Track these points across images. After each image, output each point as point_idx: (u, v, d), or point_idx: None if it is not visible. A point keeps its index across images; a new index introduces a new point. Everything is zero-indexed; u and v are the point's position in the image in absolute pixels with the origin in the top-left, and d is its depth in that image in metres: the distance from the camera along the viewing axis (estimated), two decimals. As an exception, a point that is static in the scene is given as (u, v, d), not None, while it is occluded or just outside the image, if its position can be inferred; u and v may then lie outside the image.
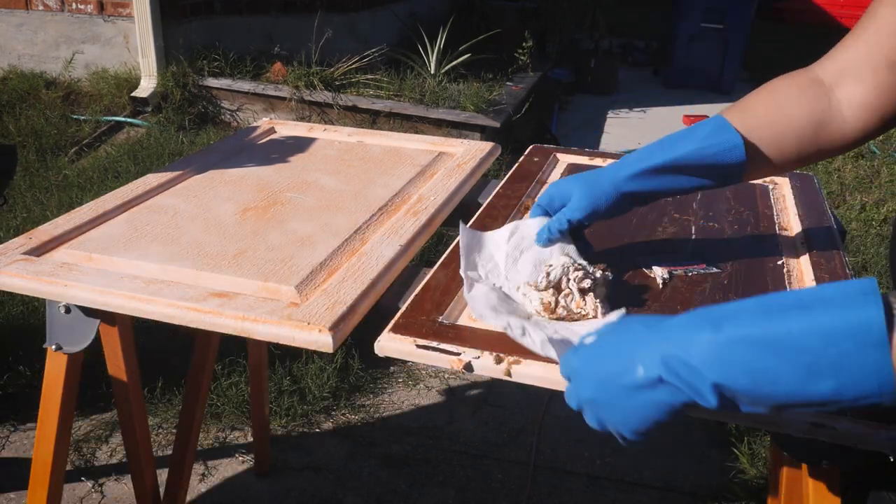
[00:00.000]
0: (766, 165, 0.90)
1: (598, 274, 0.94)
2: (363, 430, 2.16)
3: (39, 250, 1.09)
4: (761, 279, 1.04)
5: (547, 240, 0.99)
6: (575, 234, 1.01)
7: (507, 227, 1.04)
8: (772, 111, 0.89)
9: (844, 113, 0.86)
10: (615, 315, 0.90)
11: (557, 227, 0.97)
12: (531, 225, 1.03)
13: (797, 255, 1.11)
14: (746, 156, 0.88)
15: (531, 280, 0.95)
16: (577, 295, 0.91)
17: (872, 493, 0.84)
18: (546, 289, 0.91)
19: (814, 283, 1.01)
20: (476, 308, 0.90)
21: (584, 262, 0.96)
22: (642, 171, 0.91)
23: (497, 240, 1.03)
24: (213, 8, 4.20)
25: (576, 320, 0.90)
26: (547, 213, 1.01)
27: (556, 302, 0.90)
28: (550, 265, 0.93)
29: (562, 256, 0.96)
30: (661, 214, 1.24)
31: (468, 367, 0.85)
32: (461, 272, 0.97)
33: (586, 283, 0.92)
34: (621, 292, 1.00)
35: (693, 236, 1.18)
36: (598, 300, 0.91)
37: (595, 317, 0.90)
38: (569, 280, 0.91)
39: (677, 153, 0.90)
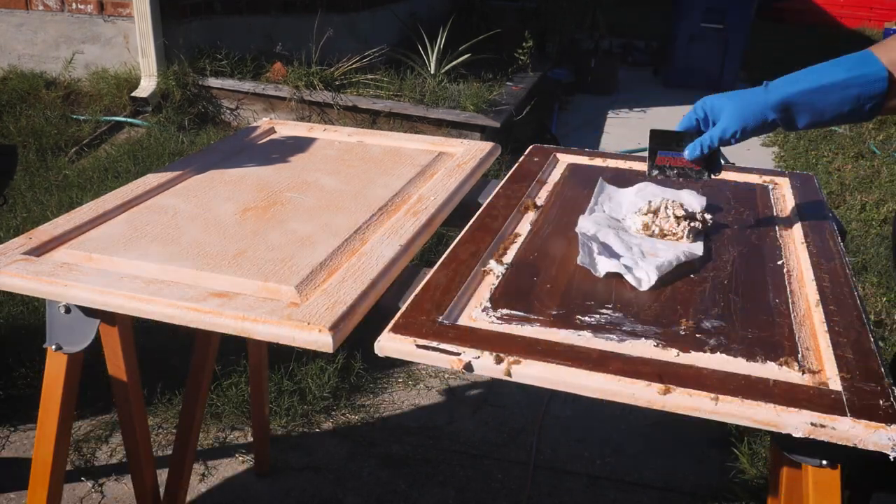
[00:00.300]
0: None
1: (698, 213, 1.18)
2: (363, 430, 2.16)
3: (39, 250, 1.09)
4: (761, 279, 1.04)
5: (699, 154, 1.07)
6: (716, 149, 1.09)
7: (637, 185, 1.30)
8: None
9: None
10: (699, 245, 1.12)
11: (709, 143, 1.05)
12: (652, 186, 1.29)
13: (797, 255, 1.11)
14: (888, 89, 0.93)
15: (637, 208, 1.20)
16: (672, 219, 1.15)
17: (876, 494, 0.84)
18: (647, 213, 1.17)
19: (814, 284, 1.01)
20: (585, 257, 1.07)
21: (688, 202, 1.21)
22: (788, 97, 0.97)
23: (625, 191, 1.29)
24: (213, 8, 4.20)
25: (666, 238, 1.15)
26: (697, 126, 1.09)
27: (653, 222, 1.16)
28: (651, 200, 1.20)
29: (664, 195, 1.23)
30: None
31: (468, 367, 0.85)
32: (581, 219, 1.19)
33: (681, 212, 1.16)
34: (621, 291, 1.00)
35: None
36: (689, 227, 1.14)
37: (682, 238, 1.14)
38: (667, 209, 1.17)
39: (825, 80, 0.95)
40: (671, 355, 0.86)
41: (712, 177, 1.12)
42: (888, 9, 9.73)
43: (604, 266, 1.04)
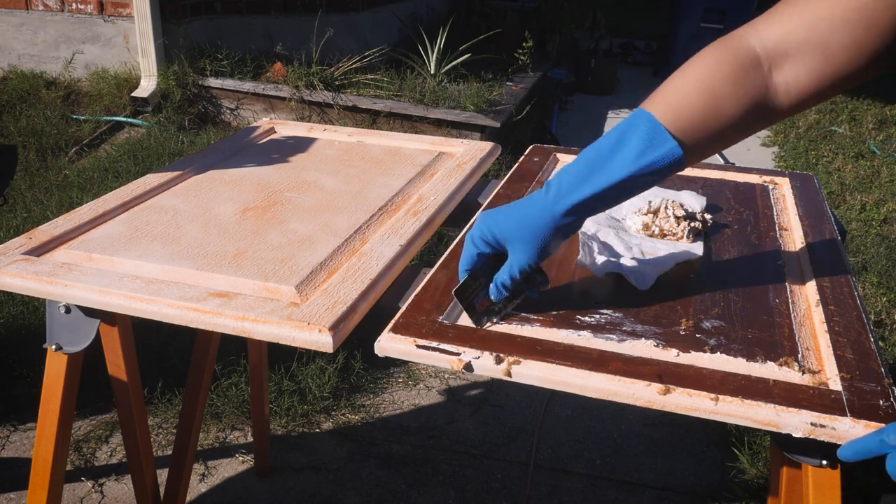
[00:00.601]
0: (699, 160, 0.85)
1: (698, 213, 1.18)
2: (363, 430, 2.16)
3: (39, 250, 1.09)
4: (761, 279, 1.04)
5: (505, 294, 0.90)
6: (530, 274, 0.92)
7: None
8: (708, 109, 0.80)
9: (780, 98, 0.80)
10: (699, 245, 1.11)
11: (509, 281, 0.89)
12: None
13: (797, 255, 1.11)
14: (683, 159, 0.81)
15: (637, 208, 1.20)
16: (672, 219, 1.15)
17: (885, 496, 0.84)
18: (647, 213, 1.18)
19: (814, 284, 1.01)
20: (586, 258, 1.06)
21: (688, 202, 1.21)
22: (579, 203, 0.83)
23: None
24: (213, 8, 4.20)
25: (666, 238, 1.15)
26: (485, 259, 0.91)
27: (653, 222, 1.16)
28: (651, 200, 1.20)
29: (664, 195, 1.23)
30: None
31: (468, 367, 0.85)
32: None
33: (681, 212, 1.17)
34: (621, 291, 1.00)
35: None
36: (689, 227, 1.14)
37: (682, 238, 1.14)
38: (667, 209, 1.17)
39: (613, 177, 0.81)
40: (671, 355, 0.86)
41: (543, 289, 0.95)
42: (888, 9, 9.72)
43: (604, 265, 1.04)
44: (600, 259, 1.05)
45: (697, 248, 1.12)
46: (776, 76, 0.80)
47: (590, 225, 1.16)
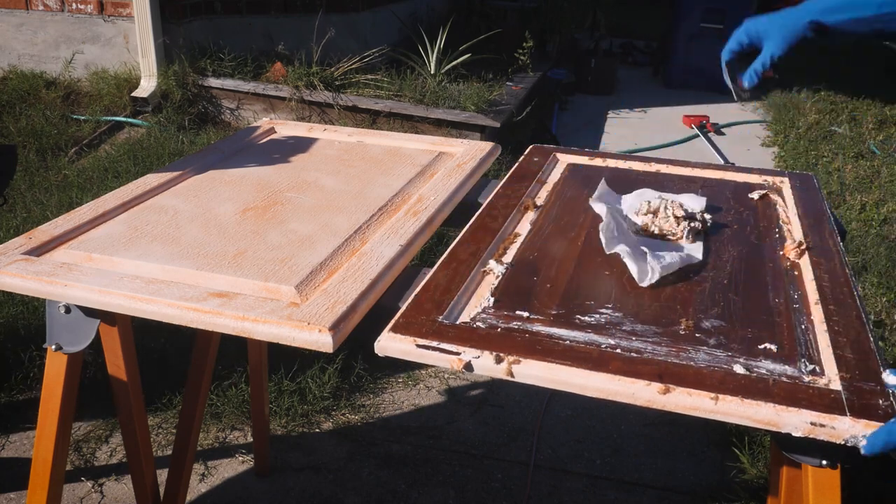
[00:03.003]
0: None
1: (698, 214, 1.19)
2: (363, 430, 2.16)
3: (39, 250, 1.09)
4: (761, 279, 1.04)
5: (755, 79, 1.09)
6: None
7: (637, 190, 1.31)
8: None
9: None
10: (699, 246, 1.12)
11: (762, 66, 1.07)
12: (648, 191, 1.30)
13: (797, 255, 1.11)
14: None
15: (636, 209, 1.21)
16: (671, 220, 1.16)
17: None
18: (646, 213, 1.19)
19: (814, 284, 1.01)
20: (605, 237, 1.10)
21: (687, 203, 1.22)
22: (833, 7, 0.99)
23: (625, 196, 1.30)
24: (213, 8, 4.20)
25: (666, 238, 1.16)
26: (741, 52, 1.10)
27: (653, 222, 1.17)
28: (650, 200, 1.21)
29: (664, 196, 1.24)
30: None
31: (468, 367, 0.85)
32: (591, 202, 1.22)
33: (680, 213, 1.17)
34: (621, 291, 1.00)
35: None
36: (689, 227, 1.15)
37: (681, 238, 1.15)
38: (667, 209, 1.18)
39: (857, 13, 0.96)
40: (671, 355, 0.86)
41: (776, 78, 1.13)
42: (888, 9, 9.71)
43: (614, 247, 1.06)
44: (615, 235, 1.08)
45: (697, 249, 1.12)
46: None
47: (601, 206, 1.19)
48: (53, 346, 1.13)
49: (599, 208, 1.20)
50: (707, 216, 1.20)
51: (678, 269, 1.05)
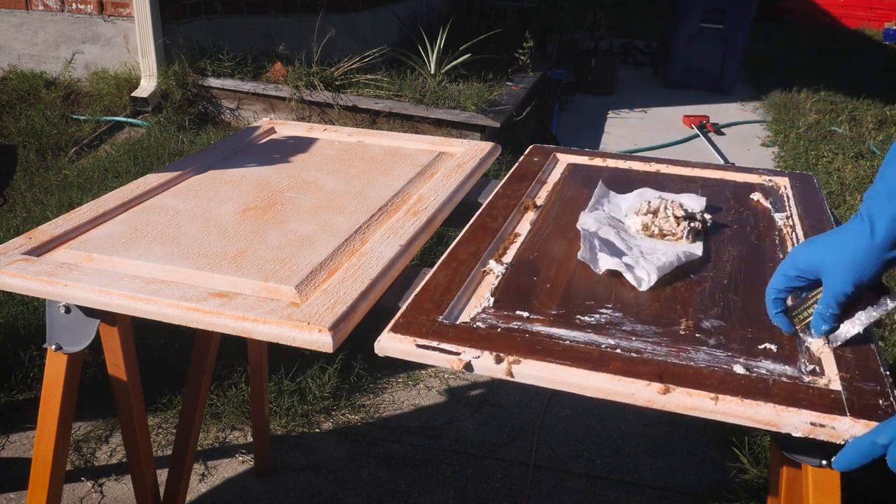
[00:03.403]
0: None
1: (698, 214, 1.18)
2: (363, 430, 2.16)
3: (39, 250, 1.09)
4: (761, 279, 1.04)
5: (829, 328, 0.87)
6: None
7: (637, 190, 1.30)
8: None
9: None
10: (699, 246, 1.11)
11: (829, 312, 0.85)
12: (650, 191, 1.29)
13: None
14: None
15: (636, 209, 1.20)
16: (671, 220, 1.15)
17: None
18: (646, 213, 1.18)
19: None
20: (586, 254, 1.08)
21: (687, 203, 1.21)
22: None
23: (624, 196, 1.29)
24: (213, 8, 4.20)
25: (666, 238, 1.15)
26: (796, 285, 0.89)
27: (653, 222, 1.16)
28: (650, 200, 1.20)
29: (664, 196, 1.23)
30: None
31: (468, 367, 0.85)
32: (581, 215, 1.19)
33: (680, 213, 1.16)
34: (621, 291, 1.00)
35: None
36: (689, 227, 1.14)
37: (681, 238, 1.14)
38: (667, 209, 1.17)
39: None
40: (671, 355, 0.86)
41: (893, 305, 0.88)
42: (888, 9, 9.74)
43: (605, 263, 1.04)
44: (601, 256, 1.05)
45: (697, 249, 1.12)
46: None
47: (591, 222, 1.16)
48: (53, 346, 1.13)
49: (582, 231, 1.16)
50: (707, 216, 1.20)
51: (676, 267, 1.05)
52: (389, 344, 0.88)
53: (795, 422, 0.75)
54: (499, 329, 0.91)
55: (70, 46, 4.09)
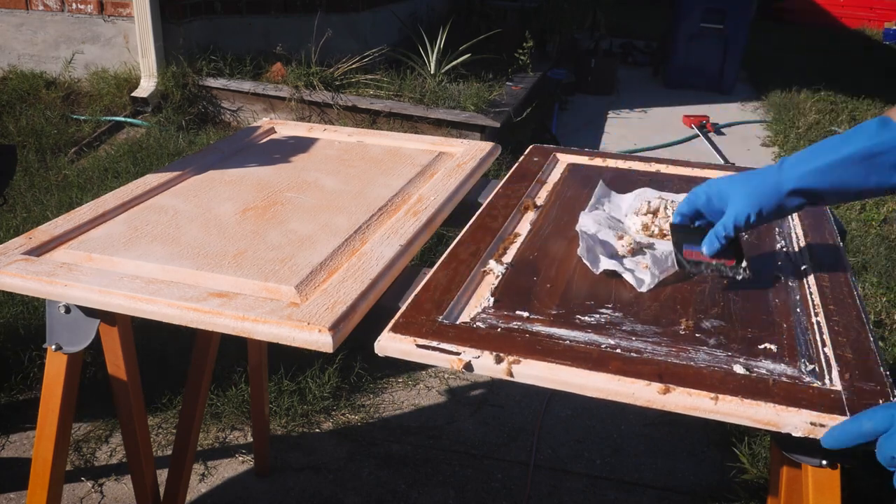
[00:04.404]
0: None
1: None
2: (363, 430, 2.16)
3: (39, 250, 1.09)
4: (761, 279, 1.04)
5: (718, 246, 0.95)
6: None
7: (636, 190, 1.30)
8: None
9: None
10: None
11: (724, 233, 0.94)
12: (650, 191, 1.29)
13: (797, 255, 1.11)
14: None
15: (636, 209, 1.20)
16: (671, 219, 1.10)
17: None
18: (646, 213, 1.18)
19: (814, 283, 1.01)
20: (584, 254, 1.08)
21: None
22: (808, 175, 0.88)
23: (624, 195, 1.29)
24: (213, 8, 4.20)
25: (666, 238, 1.13)
26: (693, 215, 0.99)
27: (653, 222, 1.16)
28: (650, 200, 1.21)
29: (664, 196, 1.23)
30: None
31: (468, 367, 0.85)
32: (581, 216, 1.19)
33: None
34: (621, 291, 1.00)
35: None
36: None
37: None
38: (666, 209, 1.18)
39: (843, 152, 0.86)
40: (671, 355, 0.86)
41: (748, 273, 0.98)
42: (888, 9, 9.74)
43: (604, 264, 1.04)
44: (601, 257, 1.05)
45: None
46: None
47: (590, 223, 1.16)
48: (53, 346, 1.13)
49: (580, 232, 1.16)
50: None
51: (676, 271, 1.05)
52: (389, 344, 0.88)
53: (795, 422, 0.75)
54: (499, 329, 0.91)
55: (70, 46, 4.09)
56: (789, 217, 1.25)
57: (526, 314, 0.94)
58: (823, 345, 0.88)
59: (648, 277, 1.01)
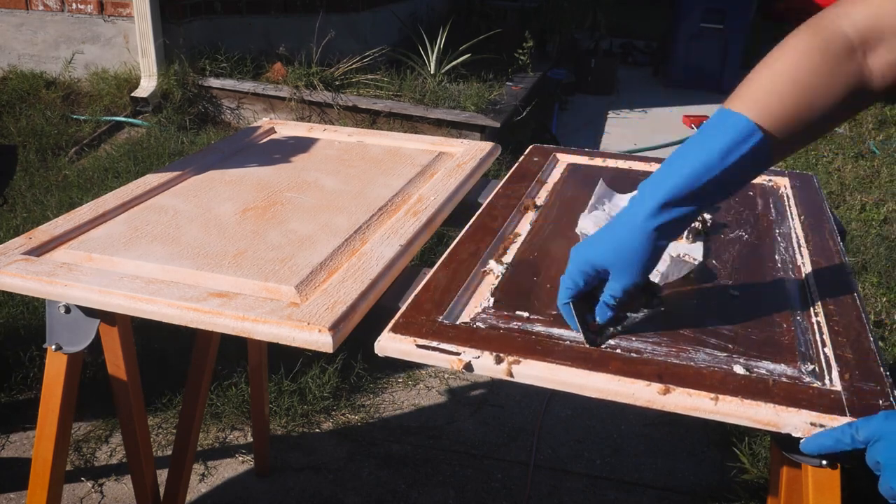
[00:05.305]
0: (788, 154, 0.84)
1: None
2: (363, 430, 2.16)
3: (39, 250, 1.09)
4: (761, 279, 1.04)
5: (608, 313, 0.88)
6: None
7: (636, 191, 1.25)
8: (801, 104, 0.77)
9: (875, 82, 0.77)
10: (699, 246, 1.10)
11: (613, 302, 0.86)
12: None
13: (797, 255, 1.11)
14: (772, 153, 0.78)
15: None
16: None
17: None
18: None
19: (814, 283, 1.01)
20: None
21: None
22: (665, 202, 0.80)
23: (624, 196, 1.27)
24: (213, 8, 4.20)
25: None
26: (581, 292, 0.88)
27: None
28: None
29: None
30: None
31: (468, 367, 0.85)
32: (581, 217, 1.18)
33: None
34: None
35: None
36: (689, 228, 1.11)
37: (681, 238, 1.12)
38: None
39: (691, 170, 0.78)
40: (671, 355, 0.86)
41: (661, 308, 0.91)
42: (888, 9, 9.72)
43: None
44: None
45: (697, 249, 1.11)
46: (871, 60, 0.77)
47: (590, 225, 1.16)
48: (53, 346, 1.13)
49: (581, 234, 1.16)
50: (707, 216, 1.20)
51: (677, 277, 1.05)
52: (389, 344, 0.88)
53: (795, 422, 0.75)
54: (499, 329, 0.91)
55: (70, 46, 4.09)
56: (789, 217, 1.25)
57: (526, 314, 0.94)
58: (823, 345, 0.88)
59: (656, 279, 1.01)
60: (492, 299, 0.98)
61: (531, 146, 1.57)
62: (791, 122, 0.78)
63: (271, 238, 1.14)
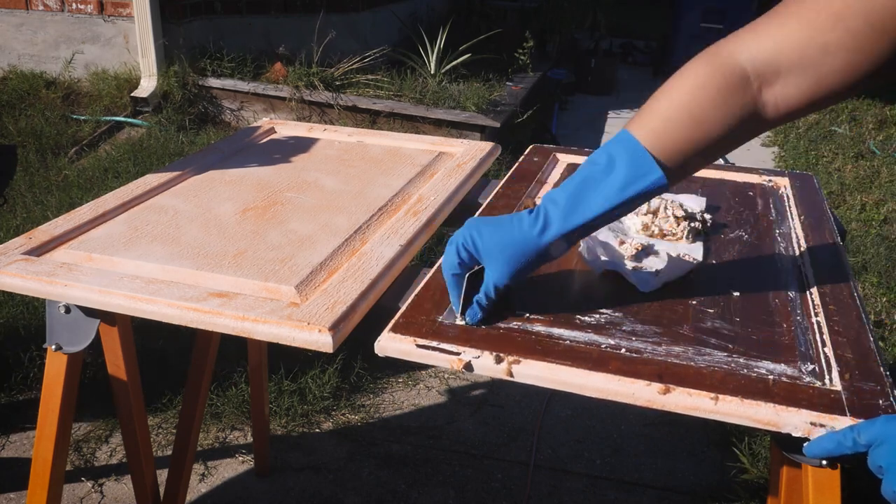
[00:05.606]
0: (684, 178, 0.86)
1: (697, 214, 1.18)
2: (363, 430, 2.16)
3: (39, 250, 1.09)
4: (761, 279, 1.04)
5: (481, 315, 0.89)
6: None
7: None
8: (696, 133, 0.80)
9: (769, 114, 0.80)
10: (699, 246, 1.11)
11: (486, 303, 0.88)
12: None
13: (797, 255, 1.11)
14: (667, 180, 0.81)
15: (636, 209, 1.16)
16: (671, 219, 1.15)
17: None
18: (646, 213, 1.17)
19: (814, 283, 1.01)
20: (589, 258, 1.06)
21: (687, 203, 1.21)
22: (564, 234, 0.83)
23: None
24: (213, 8, 4.20)
25: (666, 238, 1.15)
26: (463, 269, 0.89)
27: (653, 222, 1.16)
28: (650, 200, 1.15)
29: (664, 196, 1.21)
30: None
31: (468, 367, 0.85)
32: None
33: (680, 213, 1.17)
34: (621, 291, 1.00)
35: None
36: (689, 227, 1.14)
37: (681, 238, 1.14)
38: (667, 209, 1.17)
39: (599, 208, 0.81)
40: (671, 355, 0.86)
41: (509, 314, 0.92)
42: (888, 9, 9.72)
43: (604, 264, 1.04)
44: (601, 257, 1.05)
45: (697, 249, 1.11)
46: (766, 93, 0.80)
47: None
48: (53, 346, 1.13)
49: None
50: (707, 216, 1.20)
51: (678, 277, 1.05)
52: (389, 344, 0.88)
53: (795, 422, 0.75)
54: (499, 329, 0.91)
55: (70, 46, 4.09)
56: (789, 217, 1.25)
57: (526, 314, 0.94)
58: (823, 345, 0.88)
59: (653, 279, 1.01)
60: (492, 299, 0.97)
61: (531, 146, 1.57)
62: (686, 151, 0.81)
63: (271, 238, 1.14)
